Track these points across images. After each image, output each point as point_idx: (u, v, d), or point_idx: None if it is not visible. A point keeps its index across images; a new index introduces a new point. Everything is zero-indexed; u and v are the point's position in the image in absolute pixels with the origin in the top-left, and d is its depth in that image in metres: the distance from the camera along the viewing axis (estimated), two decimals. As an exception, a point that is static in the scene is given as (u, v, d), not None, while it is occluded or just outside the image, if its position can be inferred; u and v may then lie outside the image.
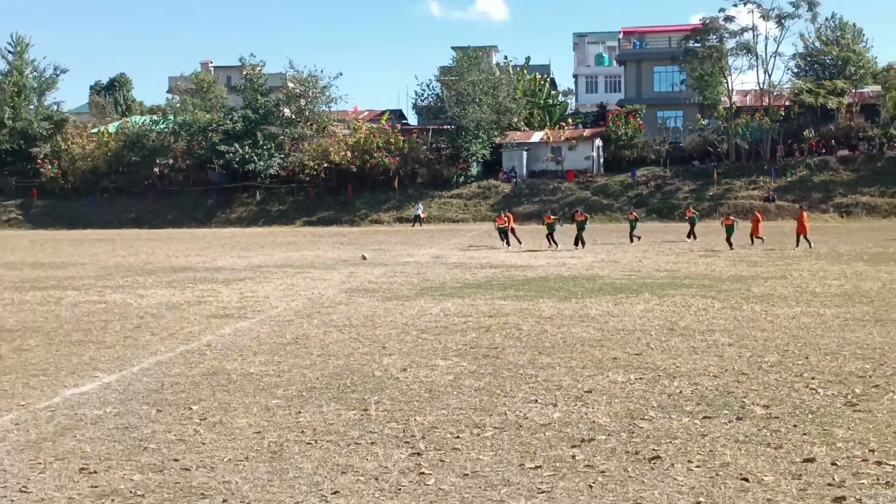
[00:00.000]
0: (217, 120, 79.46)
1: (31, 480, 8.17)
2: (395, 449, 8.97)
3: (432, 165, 77.61)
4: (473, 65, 78.05)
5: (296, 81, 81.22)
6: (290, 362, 13.72)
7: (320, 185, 76.90)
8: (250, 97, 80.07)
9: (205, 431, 9.75)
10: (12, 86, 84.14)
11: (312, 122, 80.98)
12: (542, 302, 20.76)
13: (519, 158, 76.73)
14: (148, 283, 27.03)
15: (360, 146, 76.96)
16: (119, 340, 16.16)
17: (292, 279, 27.52)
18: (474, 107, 74.70)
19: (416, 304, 20.71)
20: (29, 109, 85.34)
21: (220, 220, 75.22)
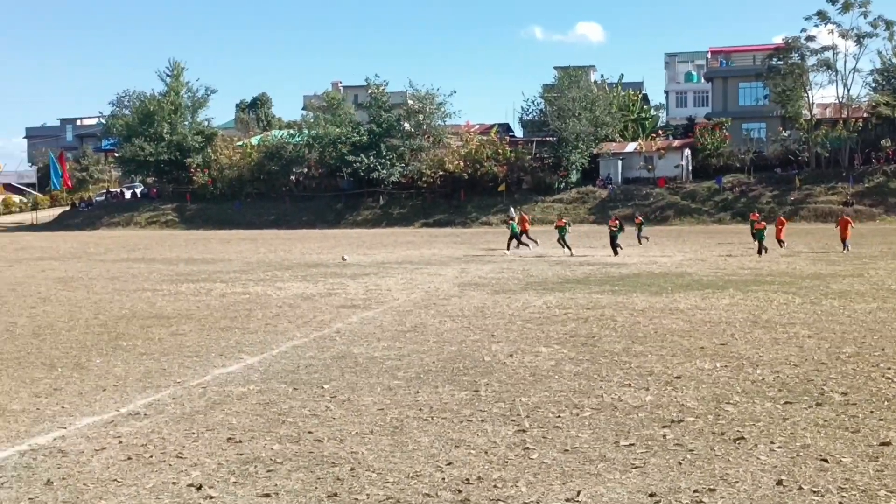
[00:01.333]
0: (346, 133, 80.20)
1: (186, 447, 8.38)
2: (503, 426, 8.96)
3: (536, 173, 77.17)
4: (573, 82, 77.39)
5: (415, 99, 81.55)
6: (409, 348, 13.82)
7: (436, 191, 77.13)
8: (375, 113, 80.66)
9: (335, 408, 9.88)
10: (170, 104, 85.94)
11: (429, 135, 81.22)
12: (635, 296, 20.51)
13: (614, 167, 75.94)
14: (285, 276, 27.47)
15: (471, 156, 76.98)
16: (260, 327, 16.47)
17: (411, 274, 27.68)
18: (574, 120, 74.11)
19: (522, 297, 20.66)
20: (184, 125, 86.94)
21: (348, 221, 75.98)
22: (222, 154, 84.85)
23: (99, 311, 19.40)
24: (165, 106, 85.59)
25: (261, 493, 7.05)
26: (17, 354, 13.80)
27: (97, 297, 22.16)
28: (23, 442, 8.64)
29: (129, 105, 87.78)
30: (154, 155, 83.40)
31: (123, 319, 17.85)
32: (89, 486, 7.28)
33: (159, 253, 41.98)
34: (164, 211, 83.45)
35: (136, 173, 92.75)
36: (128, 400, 10.44)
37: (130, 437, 8.74)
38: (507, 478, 7.34)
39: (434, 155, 79.03)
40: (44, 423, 9.36)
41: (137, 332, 16.07)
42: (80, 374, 12.04)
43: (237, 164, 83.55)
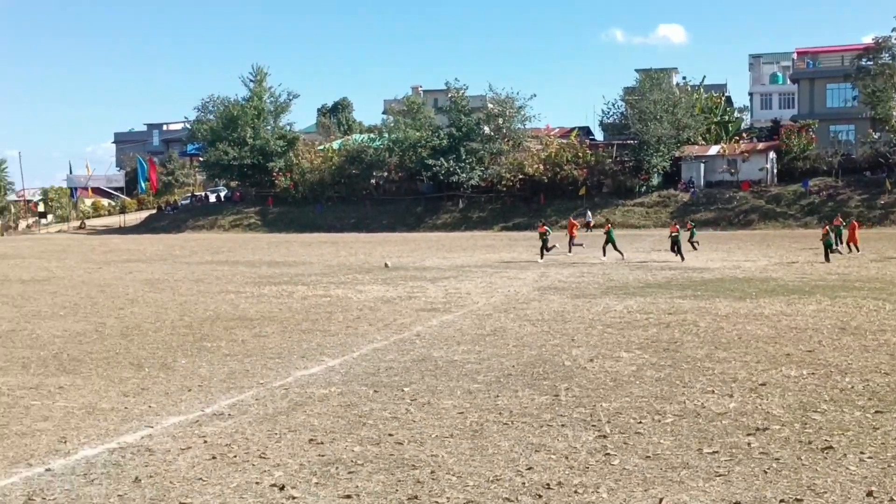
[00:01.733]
0: (425, 137, 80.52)
1: (269, 448, 8.49)
2: (583, 431, 8.91)
3: (616, 176, 76.54)
4: (655, 85, 76.56)
5: (495, 102, 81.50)
6: (489, 351, 13.81)
7: (515, 195, 76.96)
8: (454, 117, 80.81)
9: (415, 410, 9.92)
10: (253, 109, 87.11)
11: (509, 139, 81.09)
12: (718, 301, 20.21)
13: (696, 170, 74.90)
14: (366, 280, 27.68)
15: (551, 159, 76.71)
16: (341, 329, 16.62)
17: (491, 278, 27.67)
18: (655, 123, 73.31)
19: (602, 302, 20.51)
20: (266, 130, 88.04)
21: (428, 225, 76.26)
22: (304, 158, 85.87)
23: (184, 312, 19.79)
24: (249, 111, 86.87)
25: (342, 495, 7.12)
26: (106, 354, 14.14)
27: (182, 299, 22.60)
28: (112, 440, 8.85)
29: (214, 110, 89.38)
30: (237, 159, 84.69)
31: (208, 321, 18.18)
32: (175, 485, 7.43)
33: (242, 256, 42.66)
34: (247, 214, 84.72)
35: (220, 177, 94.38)
36: (212, 400, 10.62)
37: (215, 437, 8.89)
38: (588, 483, 7.30)
39: (514, 158, 78.92)
40: (132, 422, 9.58)
41: (221, 333, 16.35)
42: (166, 375, 12.29)
43: (318, 168, 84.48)
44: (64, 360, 13.63)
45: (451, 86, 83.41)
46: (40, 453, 8.41)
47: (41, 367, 13.11)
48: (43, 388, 11.45)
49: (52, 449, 8.57)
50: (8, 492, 7.31)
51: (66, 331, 17.00)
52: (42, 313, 20.05)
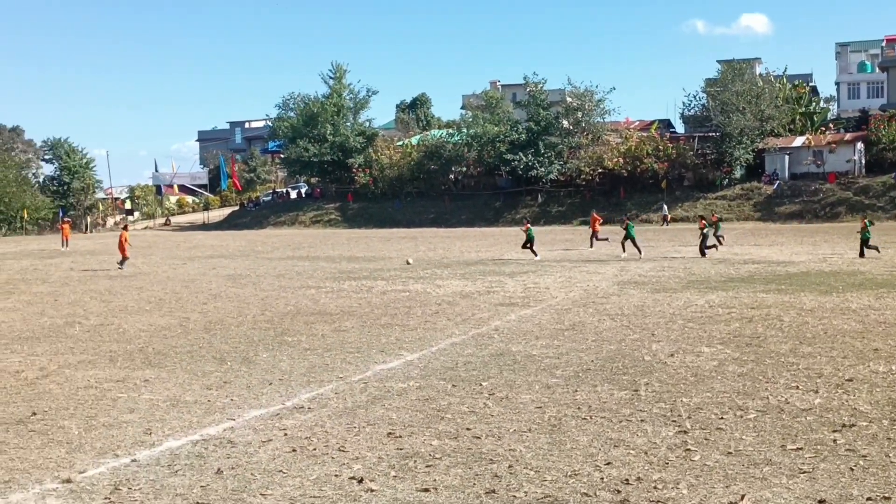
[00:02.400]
0: (504, 132, 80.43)
1: (348, 441, 8.57)
2: (663, 427, 8.81)
3: (698, 169, 75.53)
4: (737, 76, 75.21)
5: (573, 96, 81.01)
6: (567, 346, 13.74)
7: (595, 189, 76.46)
8: (533, 111, 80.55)
9: (493, 405, 9.92)
10: (333, 106, 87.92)
11: (588, 133, 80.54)
12: (803, 295, 19.81)
13: (781, 162, 73.46)
14: (444, 274, 27.75)
15: (631, 153, 76.03)
16: (420, 324, 16.69)
17: (569, 272, 27.52)
18: (738, 115, 72.06)
19: (683, 296, 20.25)
20: (346, 126, 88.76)
21: (507, 219, 76.12)
22: (383, 154, 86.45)
23: (266, 307, 20.07)
24: (328, 108, 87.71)
25: (420, 488, 7.15)
26: (189, 348, 14.42)
27: (264, 294, 22.93)
28: (195, 432, 9.02)
29: (294, 107, 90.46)
30: (318, 156, 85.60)
31: (289, 316, 18.41)
32: (256, 476, 7.54)
33: (322, 251, 43.07)
34: (328, 210, 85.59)
35: (301, 174, 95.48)
36: (293, 394, 10.75)
37: (295, 430, 9.00)
38: (668, 479, 7.21)
39: (593, 152, 78.43)
40: (214, 415, 9.75)
41: (302, 328, 16.54)
42: (247, 368, 12.49)
43: (397, 163, 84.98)
44: (149, 354, 13.93)
45: (529, 80, 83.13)
46: (127, 444, 8.61)
47: (128, 360, 13.42)
48: (129, 381, 11.72)
49: (138, 440, 8.76)
50: (96, 481, 7.49)
51: (152, 325, 17.38)
52: (129, 308, 20.52)
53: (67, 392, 11.11)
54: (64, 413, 9.99)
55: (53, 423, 9.55)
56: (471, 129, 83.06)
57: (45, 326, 17.52)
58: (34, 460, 8.14)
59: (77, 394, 11.00)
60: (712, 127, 74.99)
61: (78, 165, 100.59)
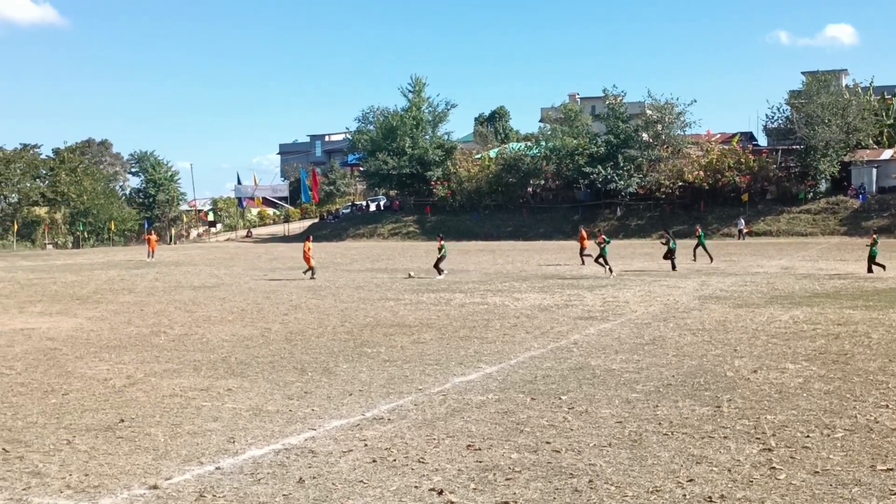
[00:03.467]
0: (583, 145, 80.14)
1: (428, 453, 8.59)
2: (747, 444, 8.66)
3: (781, 183, 74.32)
4: (822, 88, 73.83)
5: (653, 108, 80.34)
6: (647, 361, 13.61)
7: (675, 202, 75.71)
8: (612, 124, 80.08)
9: (572, 419, 9.86)
10: (412, 119, 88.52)
11: (668, 145, 79.78)
12: (892, 312, 19.32)
13: (868, 175, 71.88)
14: (522, 287, 27.69)
15: (712, 166, 75.09)
16: (499, 337, 16.67)
17: (649, 286, 27.25)
18: (823, 127, 70.70)
19: (766, 312, 19.91)
20: (425, 139, 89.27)
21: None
22: (461, 167, 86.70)
23: (345, 318, 20.24)
24: (408, 121, 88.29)
25: (500, 501, 7.13)
26: (271, 359, 14.61)
27: (344, 306, 23.13)
28: (277, 441, 9.13)
29: (374, 121, 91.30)
30: (396, 168, 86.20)
31: (368, 327, 18.55)
32: (337, 486, 7.60)
33: (401, 263, 43.31)
34: (406, 222, 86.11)
35: (380, 186, 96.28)
36: (372, 405, 10.82)
37: (375, 441, 9.06)
38: (752, 498, 7.08)
39: (673, 165, 77.63)
40: (296, 425, 9.85)
41: (381, 339, 16.65)
42: (328, 379, 12.60)
43: (475, 176, 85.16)
44: (232, 364, 14.15)
45: (608, 92, 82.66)
46: (211, 452, 8.76)
47: (211, 369, 13.65)
48: (213, 390, 11.92)
49: (222, 448, 8.90)
50: (181, 488, 7.63)
51: (234, 335, 17.65)
52: (212, 318, 20.88)
53: (153, 400, 11.34)
54: (150, 420, 10.20)
55: (140, 430, 9.75)
56: (549, 142, 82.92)
57: (132, 336, 17.92)
58: (122, 466, 8.32)
59: (163, 402, 11.22)
60: (796, 139, 73.69)
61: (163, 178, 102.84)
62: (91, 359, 14.94)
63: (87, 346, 16.54)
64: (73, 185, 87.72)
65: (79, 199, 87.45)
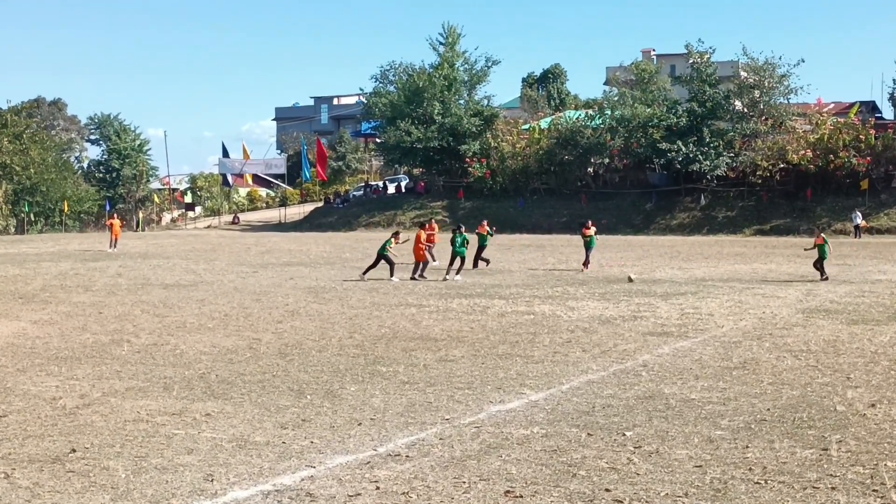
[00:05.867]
0: (659, 114, 79.85)
1: (455, 500, 8.62)
2: (861, 497, 8.64)
3: (911, 167, 73.92)
4: (968, 46, 73.47)
5: (749, 70, 79.86)
6: (736, 389, 13.58)
7: (775, 189, 75.33)
8: (696, 88, 79.70)
9: (639, 461, 9.86)
10: (443, 79, 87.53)
11: (767, 117, 79.35)
12: None
13: None
14: (579, 294, 27.67)
15: (822, 144, 74.62)
16: (548, 355, 16.68)
17: (740, 295, 27.16)
18: (969, 97, 70.37)
19: (889, 330, 19.81)
20: (459, 104, 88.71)
21: (660, 226, 75.54)
22: (504, 140, 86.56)
23: (354, 328, 20.32)
24: (437, 81, 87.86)
25: (545, 563, 7.15)
26: (261, 377, 14.69)
27: (353, 312, 23.22)
28: (266, 481, 9.18)
29: (395, 80, 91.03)
30: (422, 141, 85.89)
31: (383, 340, 18.61)
32: (341, 539, 7.64)
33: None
34: (433, 209, 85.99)
35: (401, 163, 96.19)
36: (387, 438, 10.86)
37: (389, 483, 9.09)
38: (866, 566, 7.07)
39: (773, 142, 77.27)
40: (290, 460, 9.91)
41: (399, 355, 16.70)
42: (331, 404, 12.66)
43: (522, 152, 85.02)
44: (212, 382, 14.24)
45: (692, 49, 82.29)
46: (183, 493, 8.82)
47: (185, 389, 13.75)
48: (187, 415, 12.00)
49: (197, 488, 8.97)
50: (145, 537, 7.70)
51: (215, 347, 17.76)
52: (187, 325, 21.02)
53: (113, 426, 11.44)
54: (108, 451, 10.28)
55: (96, 462, 9.84)
56: (616, 111, 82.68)
57: (87, 345, 18.07)
58: (72, 507, 8.40)
59: (124, 428, 11.32)
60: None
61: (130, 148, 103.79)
62: (36, 373, 15.08)
63: (32, 356, 16.70)
64: (17, 156, 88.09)
65: (24, 173, 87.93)
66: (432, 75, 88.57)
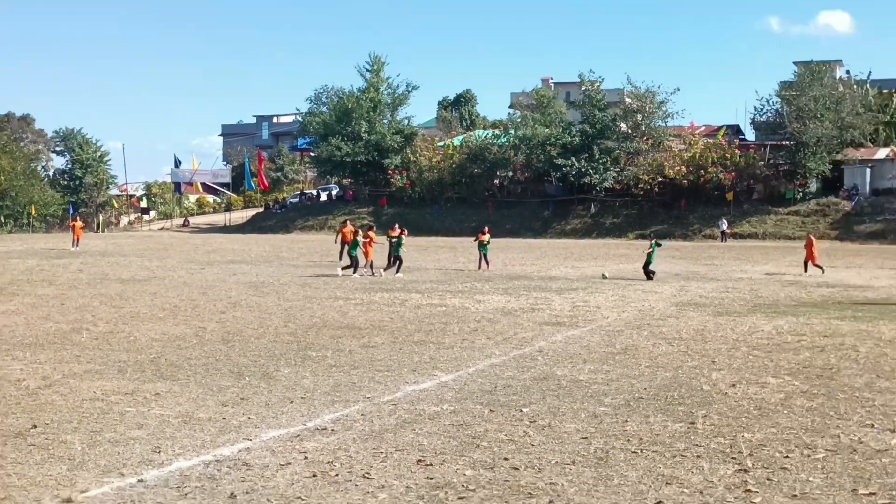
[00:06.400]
0: (555, 134, 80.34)
1: (374, 468, 8.59)
2: (721, 464, 8.75)
3: (769, 181, 75.03)
4: (815, 79, 74.44)
5: (633, 97, 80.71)
6: (618, 372, 13.70)
7: (653, 199, 76.17)
8: (588, 112, 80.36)
9: (534, 433, 9.90)
10: (369, 101, 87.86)
11: (648, 137, 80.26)
12: (882, 324, 19.58)
13: (861, 176, 72.70)
14: (485, 289, 27.75)
15: (694, 161, 75.56)
16: (457, 342, 16.70)
17: (623, 290, 27.42)
18: (815, 122, 71.36)
19: (748, 321, 20.11)
20: (383, 124, 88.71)
21: (556, 230, 75.99)
22: (422, 155, 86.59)
23: (289, 318, 20.18)
24: (364, 103, 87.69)
25: (450, 522, 7.14)
26: (205, 361, 14.53)
27: (288, 304, 23.06)
28: (208, 452, 9.08)
29: (327, 102, 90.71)
30: (351, 155, 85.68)
31: (314, 328, 18.50)
32: (272, 502, 7.57)
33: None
34: (360, 214, 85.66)
35: (332, 174, 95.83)
36: (315, 414, 10.80)
37: (316, 454, 9.04)
38: (725, 522, 7.16)
39: (653, 159, 78.09)
40: (229, 434, 9.81)
41: (328, 342, 16.62)
42: (267, 384, 12.56)
43: (437, 166, 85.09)
44: (161, 366, 14.06)
45: (585, 78, 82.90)
46: (133, 463, 8.69)
47: (137, 371, 13.55)
48: (138, 395, 11.83)
49: (146, 459, 8.84)
50: (99, 502, 7.57)
51: (165, 334, 17.53)
52: (141, 315, 20.73)
53: (71, 404, 11.23)
54: (67, 427, 10.10)
55: (55, 437, 9.65)
56: (519, 131, 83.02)
57: (50, 332, 17.73)
58: (33, 477, 8.23)
59: (82, 406, 11.12)
60: (786, 135, 74.22)
61: (91, 159, 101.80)
62: (2, 357, 14.77)
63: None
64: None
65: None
66: (360, 98, 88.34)
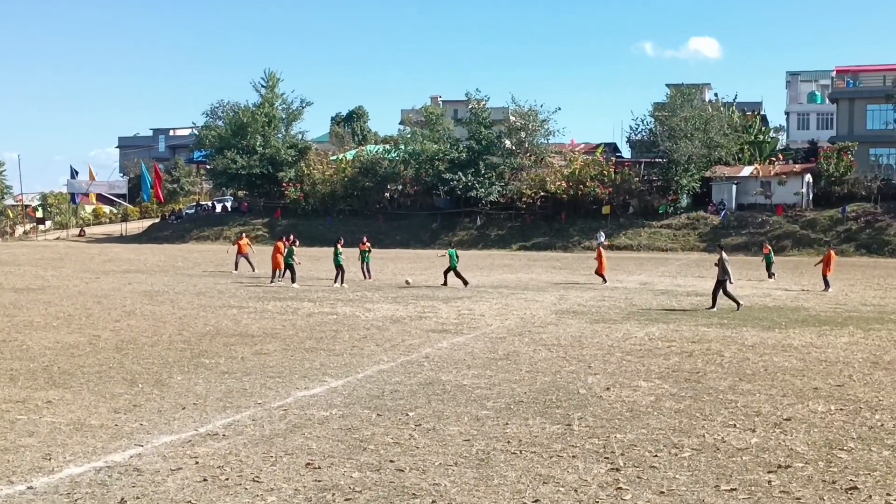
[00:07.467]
0: (443, 150, 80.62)
1: (263, 471, 8.50)
2: (595, 463, 8.88)
3: (643, 196, 76.49)
4: (686, 101, 76.29)
5: (517, 115, 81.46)
6: (500, 377, 13.80)
7: (536, 212, 76.94)
8: (474, 129, 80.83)
9: (419, 436, 9.91)
10: (264, 116, 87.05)
11: (531, 154, 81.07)
12: (745, 330, 20.14)
13: (728, 192, 74.72)
14: (375, 297, 27.70)
15: (574, 177, 76.62)
16: (347, 349, 16.63)
17: (506, 299, 27.65)
18: (686, 141, 73.07)
19: (622, 328, 20.46)
20: (277, 138, 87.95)
21: (443, 242, 75.97)
22: (315, 169, 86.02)
23: (183, 326, 19.84)
24: (259, 118, 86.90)
25: (337, 523, 7.11)
26: (98, 368, 14.19)
27: (182, 313, 22.67)
28: (99, 458, 8.87)
29: (223, 116, 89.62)
30: (246, 168, 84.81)
31: (207, 336, 18.23)
32: (163, 507, 7.44)
33: (247, 269, 42.67)
34: (255, 226, 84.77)
35: (228, 186, 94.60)
36: (207, 420, 10.64)
37: (207, 458, 8.90)
38: (597, 519, 7.26)
39: (535, 174, 78.94)
40: (121, 440, 9.60)
41: (221, 349, 16.39)
42: (160, 391, 12.33)
43: (330, 179, 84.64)
44: (54, 374, 13.69)
45: (471, 97, 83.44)
46: (23, 470, 8.44)
47: (30, 379, 13.17)
48: (30, 402, 11.50)
49: (36, 466, 8.59)
50: (-13, 509, 7.34)
51: (59, 342, 17.08)
52: (34, 324, 20.15)
53: (-38, 412, 10.86)
54: (-43, 435, 9.76)
55: (-55, 445, 9.32)
56: (409, 146, 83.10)
57: (-58, 341, 17.12)
58: (-79, 485, 7.93)
59: (-27, 414, 10.76)
60: (659, 153, 75.90)
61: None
62: None
63: None
64: None
65: None
66: (255, 113, 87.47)
